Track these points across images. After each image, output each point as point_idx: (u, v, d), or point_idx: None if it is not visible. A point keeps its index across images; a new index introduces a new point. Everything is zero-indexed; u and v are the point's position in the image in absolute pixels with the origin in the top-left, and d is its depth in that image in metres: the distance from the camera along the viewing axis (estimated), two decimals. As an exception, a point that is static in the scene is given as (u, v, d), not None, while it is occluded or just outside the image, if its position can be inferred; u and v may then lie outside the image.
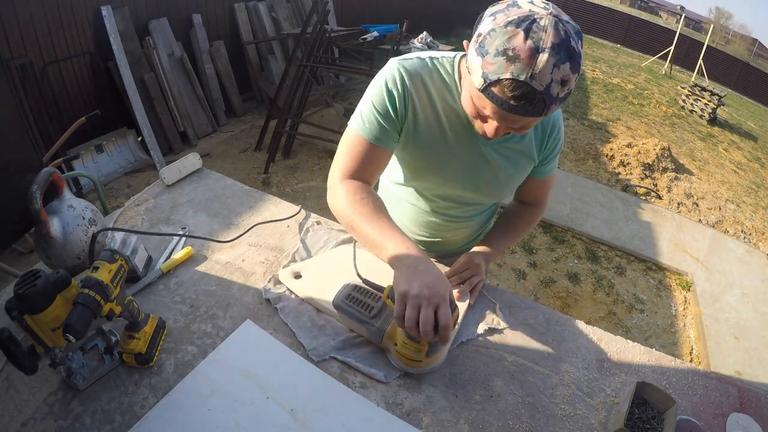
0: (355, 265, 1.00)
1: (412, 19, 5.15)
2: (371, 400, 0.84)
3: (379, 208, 0.91)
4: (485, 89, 0.73)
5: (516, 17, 0.68)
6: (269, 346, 0.92)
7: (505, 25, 0.68)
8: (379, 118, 0.91)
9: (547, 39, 0.67)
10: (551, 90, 0.69)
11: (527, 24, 0.67)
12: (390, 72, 0.91)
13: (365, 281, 0.95)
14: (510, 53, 0.68)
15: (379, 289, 0.92)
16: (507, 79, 0.69)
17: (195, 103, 4.28)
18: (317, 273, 1.08)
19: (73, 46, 3.38)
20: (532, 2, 0.72)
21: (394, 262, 0.81)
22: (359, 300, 0.92)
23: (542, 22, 0.67)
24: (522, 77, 0.68)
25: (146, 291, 1.03)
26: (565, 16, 0.71)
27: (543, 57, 0.66)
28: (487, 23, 0.73)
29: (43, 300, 0.71)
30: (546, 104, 0.71)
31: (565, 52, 0.67)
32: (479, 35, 0.74)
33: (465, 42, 0.81)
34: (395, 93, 0.90)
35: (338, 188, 0.93)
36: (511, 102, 0.71)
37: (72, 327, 0.66)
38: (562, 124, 1.00)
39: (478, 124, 0.85)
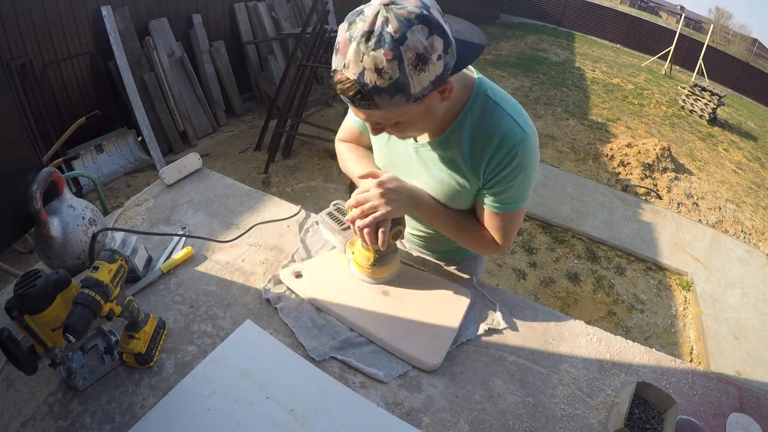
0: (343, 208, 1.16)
1: (412, 19, 5.14)
2: (371, 400, 0.84)
3: (361, 154, 1.11)
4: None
5: (354, 11, 0.69)
6: (269, 346, 0.92)
7: (344, 20, 0.70)
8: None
9: (362, 27, 0.66)
10: (364, 78, 0.68)
11: (353, 16, 0.68)
12: None
13: (338, 203, 1.17)
14: (337, 46, 0.70)
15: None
16: (333, 70, 0.72)
17: (195, 103, 4.28)
18: (318, 272, 1.08)
19: (73, 46, 3.38)
20: None
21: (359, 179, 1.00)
22: (335, 216, 1.13)
23: (366, 12, 0.67)
24: (339, 67, 0.70)
25: (146, 291, 1.03)
26: (406, 4, 0.67)
27: (353, 46, 0.67)
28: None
29: (43, 300, 0.71)
30: (366, 95, 0.70)
31: (378, 39, 0.65)
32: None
33: None
34: None
35: (338, 145, 1.18)
36: (341, 94, 0.73)
37: (72, 327, 0.66)
38: (519, 151, 0.83)
39: None
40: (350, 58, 0.67)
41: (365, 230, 0.91)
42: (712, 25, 13.32)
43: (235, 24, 4.75)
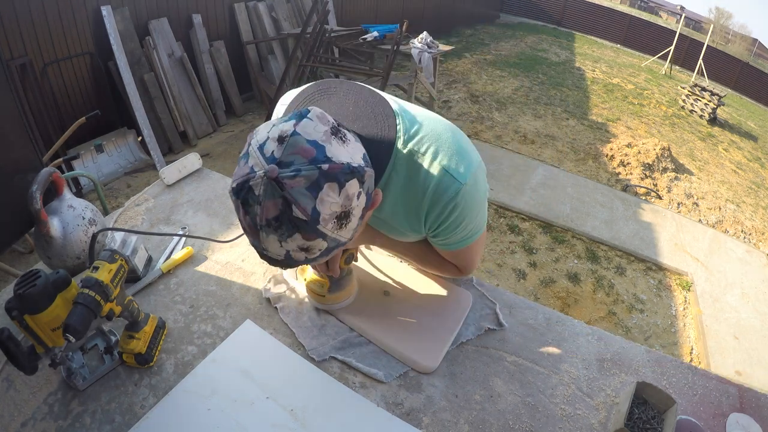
0: None
1: (412, 19, 5.15)
2: (371, 400, 0.84)
3: None
4: None
5: (236, 182, 0.60)
6: (269, 346, 0.92)
7: (231, 192, 0.61)
8: None
9: (262, 214, 0.58)
10: (293, 257, 0.62)
11: (243, 194, 0.59)
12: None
13: None
14: (242, 225, 0.62)
15: None
16: (255, 247, 0.64)
17: (195, 103, 4.28)
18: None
19: (73, 46, 3.38)
20: (261, 146, 0.59)
21: None
22: None
23: (257, 190, 0.57)
24: (259, 249, 0.63)
25: (146, 291, 1.03)
26: (294, 161, 0.57)
27: (263, 234, 0.59)
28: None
29: (43, 300, 0.71)
30: (295, 265, 0.65)
31: (288, 225, 0.58)
32: None
33: None
34: None
35: None
36: (265, 260, 0.66)
37: (72, 327, 0.66)
38: (456, 203, 0.75)
39: None
40: (267, 245, 0.61)
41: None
42: (712, 25, 13.32)
43: (235, 24, 4.75)
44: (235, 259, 1.13)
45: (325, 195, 0.58)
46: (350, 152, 0.61)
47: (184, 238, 1.17)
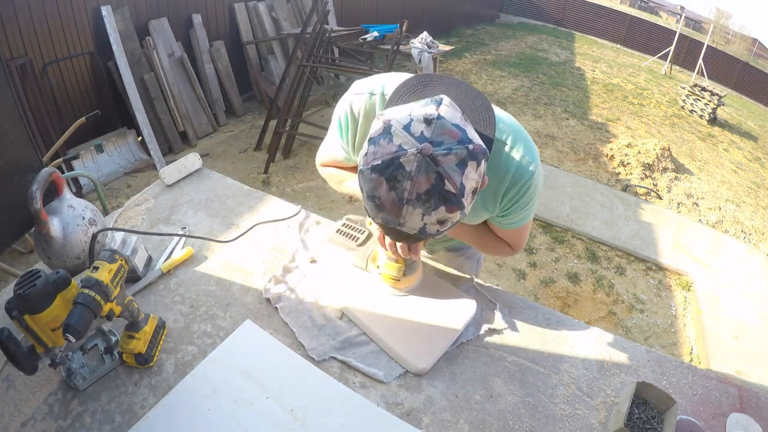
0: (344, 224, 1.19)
1: (412, 19, 5.15)
2: (371, 400, 0.84)
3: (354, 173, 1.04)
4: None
5: (380, 160, 0.62)
6: (269, 346, 0.92)
7: (371, 170, 0.63)
8: (340, 145, 0.98)
9: (412, 189, 0.61)
10: (426, 230, 0.65)
11: (390, 171, 0.61)
12: (341, 110, 0.93)
13: (355, 219, 1.18)
14: (377, 201, 0.64)
15: (363, 223, 1.16)
16: (379, 222, 0.68)
17: (195, 103, 4.28)
18: (332, 259, 1.11)
19: (73, 46, 3.38)
20: (407, 127, 0.63)
21: None
22: (347, 233, 1.13)
23: (408, 167, 0.61)
24: (392, 225, 0.66)
25: (146, 291, 1.03)
26: (444, 140, 0.62)
27: (408, 208, 0.62)
28: (364, 148, 0.67)
29: (43, 300, 0.71)
30: (425, 237, 0.68)
31: (437, 198, 0.62)
32: (359, 160, 0.68)
33: None
34: (343, 127, 0.93)
35: (325, 169, 1.10)
36: (388, 235, 0.72)
37: (72, 327, 0.66)
38: (530, 185, 0.85)
39: None
40: (406, 218, 0.63)
41: (399, 243, 0.86)
42: (712, 25, 13.32)
43: (235, 24, 4.75)
44: (235, 259, 1.13)
45: (469, 172, 0.63)
46: (474, 132, 0.67)
47: (184, 238, 1.17)
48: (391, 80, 0.89)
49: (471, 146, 0.63)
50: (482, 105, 0.78)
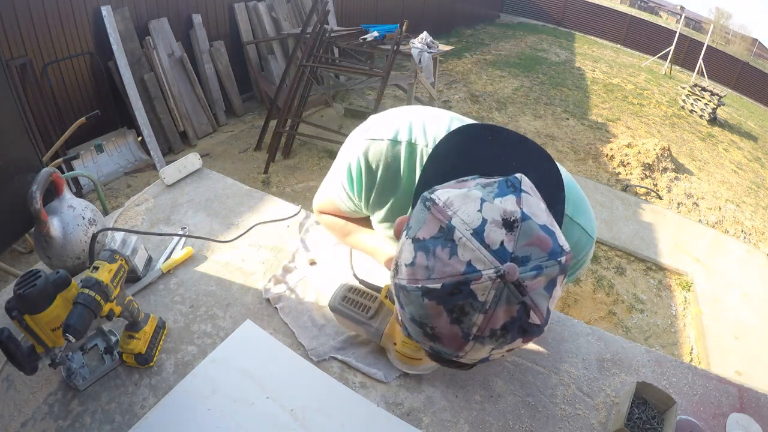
0: (351, 266, 1.04)
1: (412, 19, 5.15)
2: (371, 400, 0.84)
3: (365, 227, 0.93)
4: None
5: (440, 283, 0.45)
6: (269, 346, 0.92)
7: (423, 294, 0.46)
8: (346, 195, 0.83)
9: (485, 325, 0.45)
10: (489, 359, 0.50)
11: (455, 300, 0.44)
12: (353, 157, 0.76)
13: (362, 281, 0.97)
14: (428, 330, 0.48)
15: (376, 289, 0.94)
16: (426, 350, 0.52)
17: (195, 103, 4.28)
18: (331, 261, 1.10)
19: (73, 46, 3.38)
20: (479, 233, 0.45)
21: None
22: (355, 301, 0.92)
23: (481, 296, 0.44)
24: (445, 355, 0.50)
25: (146, 291, 1.03)
26: (531, 255, 0.45)
27: (474, 345, 0.47)
28: (406, 251, 0.49)
29: (43, 300, 0.71)
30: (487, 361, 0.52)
31: (516, 332, 0.46)
32: (396, 265, 0.51)
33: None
34: (354, 178, 0.78)
35: (326, 217, 0.97)
36: (435, 362, 0.55)
37: (72, 327, 0.66)
38: (587, 257, 0.73)
39: None
40: (469, 353, 0.48)
41: None
42: (712, 25, 13.32)
43: (235, 24, 4.75)
44: (235, 259, 1.13)
45: (557, 291, 0.47)
46: (560, 231, 0.50)
47: (184, 238, 1.17)
48: (418, 121, 0.72)
49: (563, 259, 0.46)
50: (551, 171, 0.61)
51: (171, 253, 1.13)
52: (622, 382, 0.92)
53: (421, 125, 0.72)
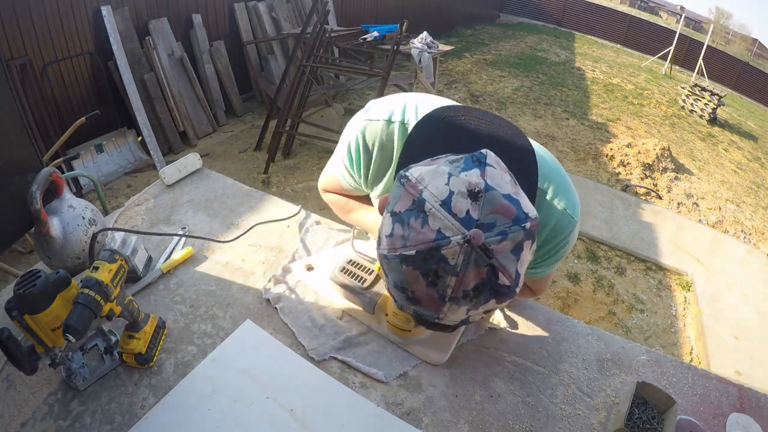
0: (352, 241, 1.07)
1: (412, 19, 5.15)
2: (371, 400, 0.84)
3: (367, 205, 0.96)
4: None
5: (414, 249, 0.49)
6: (269, 346, 0.92)
7: (401, 260, 0.51)
8: (347, 172, 0.87)
9: (458, 286, 0.49)
10: (469, 320, 0.55)
11: (429, 264, 0.49)
12: (352, 136, 0.81)
13: (360, 254, 1.03)
14: (409, 294, 0.53)
15: (373, 261, 1.01)
16: (410, 313, 0.57)
17: (195, 103, 4.28)
18: (329, 265, 1.09)
19: (73, 46, 3.38)
20: (446, 204, 0.49)
21: None
22: (353, 273, 0.98)
23: (452, 260, 0.48)
24: (426, 318, 0.55)
25: (146, 291, 1.03)
26: (496, 221, 0.49)
27: (451, 306, 0.51)
28: (386, 224, 0.54)
29: (43, 300, 0.71)
30: (467, 323, 0.57)
31: (488, 293, 0.51)
32: (378, 237, 0.56)
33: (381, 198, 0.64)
34: (353, 156, 0.82)
35: (330, 196, 1.00)
36: (420, 324, 0.59)
37: (72, 327, 0.66)
38: (569, 239, 0.75)
39: None
40: (447, 314, 0.53)
41: None
42: (712, 25, 13.33)
43: (235, 24, 4.75)
44: (235, 259, 1.13)
45: (524, 255, 0.52)
46: (527, 200, 0.54)
47: (184, 238, 1.17)
48: (411, 103, 0.77)
49: (528, 224, 0.50)
50: (522, 147, 0.64)
51: (171, 253, 1.13)
52: (622, 382, 0.92)
53: (413, 107, 0.77)
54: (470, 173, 0.51)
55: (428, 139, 0.66)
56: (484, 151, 0.54)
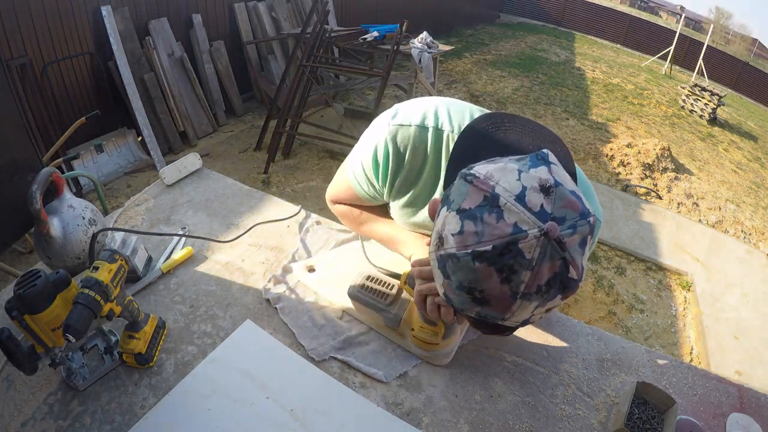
0: (366, 256, 1.06)
1: (412, 19, 5.15)
2: (371, 400, 0.84)
3: (382, 216, 0.95)
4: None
5: (491, 245, 0.49)
6: (269, 346, 0.92)
7: (473, 258, 0.50)
8: (366, 179, 0.85)
9: (532, 281, 0.50)
10: (530, 321, 0.55)
11: (506, 259, 0.49)
12: (380, 140, 0.79)
13: (380, 269, 1.01)
14: (477, 294, 0.52)
15: (394, 276, 0.98)
16: (472, 316, 0.56)
17: (195, 103, 4.28)
18: (330, 266, 1.09)
19: (73, 46, 3.38)
20: (521, 198, 0.50)
21: (414, 251, 0.88)
22: (373, 289, 0.94)
23: (528, 254, 0.49)
24: (490, 319, 0.54)
25: (146, 291, 1.03)
26: (566, 215, 0.50)
27: (521, 303, 0.51)
28: (451, 222, 0.53)
29: (43, 300, 0.71)
30: (526, 324, 0.57)
31: (557, 288, 0.51)
32: (439, 238, 0.55)
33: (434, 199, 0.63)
34: (380, 161, 0.80)
35: (339, 207, 0.99)
36: (476, 327, 0.60)
37: (72, 327, 0.66)
38: (593, 240, 0.72)
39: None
40: (515, 313, 0.52)
41: (443, 306, 0.74)
42: (712, 25, 13.33)
43: (235, 24, 4.75)
44: (235, 259, 1.13)
45: (587, 249, 0.53)
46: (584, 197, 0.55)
47: (184, 238, 1.17)
48: (443, 108, 0.77)
49: (592, 219, 0.52)
50: (562, 153, 0.65)
51: (171, 253, 1.13)
52: (622, 382, 0.92)
53: (446, 112, 0.77)
54: (539, 170, 0.52)
55: (480, 142, 0.67)
56: (545, 150, 0.56)
